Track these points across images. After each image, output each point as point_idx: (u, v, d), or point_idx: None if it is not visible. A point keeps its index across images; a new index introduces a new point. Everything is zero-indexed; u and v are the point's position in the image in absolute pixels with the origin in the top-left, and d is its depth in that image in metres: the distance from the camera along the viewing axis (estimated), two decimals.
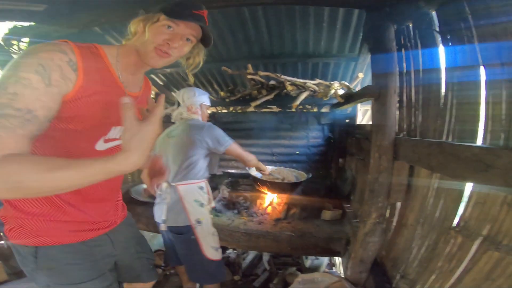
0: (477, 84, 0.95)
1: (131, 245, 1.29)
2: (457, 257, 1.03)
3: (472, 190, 0.95)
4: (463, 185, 0.99)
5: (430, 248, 1.18)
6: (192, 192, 1.84)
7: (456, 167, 0.87)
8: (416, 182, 1.28)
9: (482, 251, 0.92)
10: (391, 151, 1.31)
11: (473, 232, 0.96)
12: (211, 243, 1.88)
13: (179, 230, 1.83)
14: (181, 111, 1.96)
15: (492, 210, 0.86)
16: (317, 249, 2.15)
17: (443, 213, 1.10)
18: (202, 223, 1.83)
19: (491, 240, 0.87)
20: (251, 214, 2.58)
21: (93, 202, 1.01)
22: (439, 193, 1.13)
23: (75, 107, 0.77)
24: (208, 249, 1.85)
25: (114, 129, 0.93)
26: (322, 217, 2.45)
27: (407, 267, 1.34)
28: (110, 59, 0.87)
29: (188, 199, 1.81)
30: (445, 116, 1.07)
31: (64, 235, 0.93)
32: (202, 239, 1.83)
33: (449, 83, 1.09)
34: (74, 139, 0.84)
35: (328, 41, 2.55)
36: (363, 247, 1.49)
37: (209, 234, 1.88)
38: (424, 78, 1.25)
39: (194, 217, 1.81)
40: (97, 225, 1.05)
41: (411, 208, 1.33)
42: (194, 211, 1.81)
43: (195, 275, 1.96)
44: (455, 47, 1.08)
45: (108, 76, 0.86)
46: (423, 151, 1.04)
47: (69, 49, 0.74)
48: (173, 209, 1.82)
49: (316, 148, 3.18)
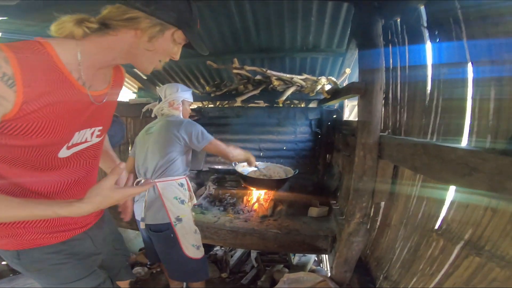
0: (464, 81, 0.91)
1: (109, 242, 1.27)
2: (439, 260, 1.01)
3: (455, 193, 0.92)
4: (447, 186, 0.97)
5: (412, 250, 1.16)
6: (172, 189, 1.79)
7: (440, 169, 0.84)
8: (400, 182, 1.26)
9: (464, 255, 0.89)
10: (376, 150, 1.28)
11: (455, 235, 0.93)
12: (191, 241, 1.83)
13: (158, 227, 1.78)
14: (162, 106, 1.90)
15: (475, 214, 0.83)
16: (303, 247, 2.13)
17: (426, 215, 1.08)
18: (183, 221, 1.79)
19: (473, 245, 0.85)
20: (238, 211, 2.55)
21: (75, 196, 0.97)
22: (423, 194, 1.10)
23: (24, 124, 0.67)
24: (188, 247, 1.81)
25: (78, 134, 0.84)
26: (309, 214, 2.44)
27: (390, 268, 1.33)
28: (64, 57, 0.72)
29: (167, 196, 1.76)
30: (430, 113, 1.03)
31: (42, 237, 0.90)
32: (182, 237, 1.78)
33: (436, 80, 1.06)
34: (32, 154, 0.76)
35: (316, 35, 2.50)
36: (347, 247, 1.47)
37: (190, 232, 1.83)
38: (411, 75, 1.21)
39: (174, 214, 1.76)
40: (75, 225, 1.01)
41: (394, 208, 1.31)
42: (174, 208, 1.77)
43: (175, 274, 1.92)
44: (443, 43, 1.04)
45: (60, 79, 0.71)
46: (408, 151, 1.01)
47: (2, 59, 0.60)
48: (151, 206, 1.77)
49: (304, 143, 3.14)
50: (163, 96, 1.91)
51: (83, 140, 0.88)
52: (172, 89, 1.90)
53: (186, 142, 1.74)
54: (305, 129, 3.11)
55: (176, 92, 1.89)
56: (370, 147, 1.27)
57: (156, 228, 1.78)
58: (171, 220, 1.75)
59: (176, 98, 1.89)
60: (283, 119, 3.13)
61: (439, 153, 0.84)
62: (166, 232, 1.76)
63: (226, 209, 2.60)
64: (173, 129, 1.75)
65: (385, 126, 1.38)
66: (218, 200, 2.81)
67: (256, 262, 2.90)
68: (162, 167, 1.77)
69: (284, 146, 3.19)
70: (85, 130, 0.86)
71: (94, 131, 0.91)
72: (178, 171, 1.81)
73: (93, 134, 0.91)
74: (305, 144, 3.14)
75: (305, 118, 3.07)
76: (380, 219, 1.49)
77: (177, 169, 1.80)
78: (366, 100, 1.28)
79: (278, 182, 2.46)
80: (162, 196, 1.75)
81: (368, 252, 1.61)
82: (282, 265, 2.79)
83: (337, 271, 1.57)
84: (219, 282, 2.74)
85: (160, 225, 1.76)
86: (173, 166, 1.78)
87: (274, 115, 3.16)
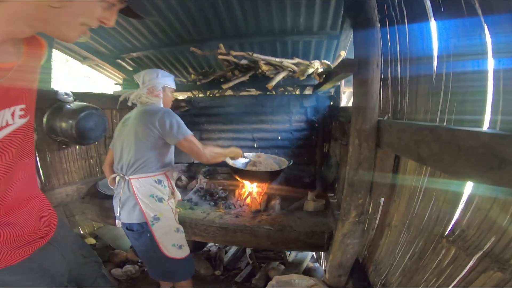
0: (483, 48, 0.70)
1: (76, 250, 1.16)
2: (449, 272, 0.82)
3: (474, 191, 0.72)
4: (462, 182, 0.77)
5: (416, 257, 0.98)
6: (147, 187, 1.63)
7: (455, 161, 0.64)
8: (403, 175, 1.06)
9: (481, 269, 0.71)
10: (373, 137, 1.08)
11: (471, 244, 0.74)
12: (172, 241, 1.70)
13: (132, 227, 1.65)
14: (140, 93, 1.71)
15: (500, 219, 0.64)
16: (297, 244, 1.99)
17: (434, 217, 0.89)
18: (161, 220, 1.64)
19: (495, 257, 0.66)
20: (229, 206, 2.42)
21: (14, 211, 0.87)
22: (430, 191, 0.90)
23: None
24: (167, 247, 1.67)
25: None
26: (305, 208, 2.30)
27: (389, 275, 1.15)
28: None
29: (142, 195, 1.61)
30: (439, 93, 0.83)
31: (6, 256, 0.82)
32: (160, 237, 1.64)
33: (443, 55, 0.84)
34: None
35: (307, 17, 2.30)
36: (341, 249, 1.29)
37: (170, 232, 1.69)
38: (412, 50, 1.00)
39: (151, 213, 1.62)
40: (35, 235, 0.93)
41: (395, 206, 1.12)
42: (150, 207, 1.62)
43: (155, 273, 1.81)
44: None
45: None
46: (412, 137, 0.80)
47: None
48: (126, 204, 1.63)
49: (300, 132, 2.96)
50: (141, 82, 1.72)
51: (3, 123, 0.73)
52: (151, 75, 1.71)
53: (160, 134, 1.55)
54: (300, 117, 2.92)
55: (156, 78, 1.70)
56: (366, 134, 1.07)
57: (131, 227, 1.65)
58: (147, 220, 1.60)
59: (155, 85, 1.70)
60: (277, 107, 2.94)
61: (454, 139, 0.63)
62: (142, 232, 1.62)
63: (217, 204, 2.47)
64: (148, 119, 1.56)
65: (384, 109, 1.18)
66: (209, 194, 2.67)
67: (251, 259, 2.78)
68: (136, 163, 1.60)
69: (279, 136, 3.01)
70: (3, 111, 0.71)
71: (14, 111, 0.76)
72: (154, 167, 1.64)
73: (14, 115, 0.76)
74: (301, 133, 2.96)
75: (300, 106, 2.87)
76: (379, 218, 1.30)
77: (153, 165, 1.63)
78: (361, 80, 1.07)
79: (271, 174, 2.30)
80: (136, 195, 1.59)
81: (365, 253, 1.44)
82: (278, 262, 2.66)
83: (330, 275, 1.40)
84: (212, 280, 2.63)
85: (135, 224, 1.62)
86: (148, 161, 1.61)
87: (267, 103, 2.97)
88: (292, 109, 2.90)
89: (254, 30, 2.53)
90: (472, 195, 0.73)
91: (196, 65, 3.32)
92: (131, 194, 1.61)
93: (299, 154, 2.98)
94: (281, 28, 2.47)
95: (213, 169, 3.09)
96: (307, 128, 2.93)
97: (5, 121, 0.73)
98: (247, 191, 2.61)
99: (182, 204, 2.44)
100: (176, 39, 2.75)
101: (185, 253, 1.76)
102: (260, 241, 2.02)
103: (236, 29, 2.54)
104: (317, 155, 2.93)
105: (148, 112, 1.60)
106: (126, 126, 1.68)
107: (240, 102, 3.07)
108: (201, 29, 2.55)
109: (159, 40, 2.80)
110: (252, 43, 2.75)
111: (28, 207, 0.94)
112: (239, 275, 2.65)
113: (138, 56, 3.15)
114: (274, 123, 2.99)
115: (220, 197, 2.60)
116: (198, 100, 3.25)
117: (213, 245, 3.15)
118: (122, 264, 2.75)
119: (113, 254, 2.84)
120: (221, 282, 2.62)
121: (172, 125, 1.54)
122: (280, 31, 2.52)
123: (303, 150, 2.99)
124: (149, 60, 3.27)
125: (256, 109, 3.00)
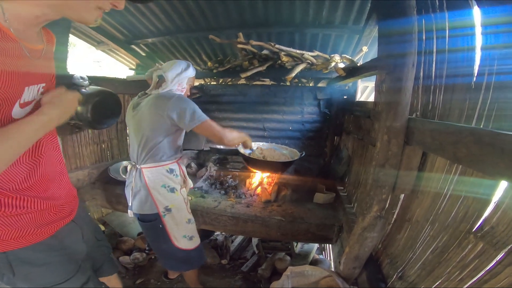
0: None
1: (92, 231, 1.20)
2: (473, 266, 0.86)
3: (508, 190, 0.75)
4: (494, 182, 0.79)
5: (439, 251, 1.01)
6: (159, 177, 1.60)
7: (496, 163, 0.66)
8: (429, 173, 1.08)
9: (507, 262, 0.74)
10: (403, 135, 1.10)
11: (500, 239, 0.78)
12: (183, 232, 1.70)
13: (145, 217, 1.65)
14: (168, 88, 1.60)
15: None
16: (307, 236, 2.03)
17: (462, 214, 0.92)
18: (172, 211, 1.63)
19: None
20: (240, 195, 2.43)
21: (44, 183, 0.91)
22: (459, 189, 0.93)
23: None
24: (178, 239, 1.68)
25: (28, 89, 0.78)
26: (315, 200, 2.33)
27: (407, 267, 1.19)
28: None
29: (154, 185, 1.58)
30: (478, 96, 0.84)
31: (31, 233, 0.87)
32: (171, 228, 1.65)
33: (486, 55, 0.85)
34: None
35: (331, 10, 2.25)
36: (359, 243, 1.32)
37: (181, 223, 1.68)
38: (450, 43, 1.00)
39: (163, 204, 1.61)
40: (61, 212, 0.98)
41: (418, 202, 1.14)
42: (162, 198, 1.60)
43: (166, 263, 1.85)
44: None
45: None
46: (448, 138, 0.82)
47: None
48: (138, 194, 1.62)
49: (311, 124, 2.97)
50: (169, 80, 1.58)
51: (32, 98, 0.81)
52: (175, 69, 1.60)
53: (174, 121, 1.49)
54: (313, 109, 2.92)
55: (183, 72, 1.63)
56: (396, 131, 1.09)
57: (143, 218, 1.65)
58: (159, 211, 1.59)
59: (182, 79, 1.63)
60: (290, 98, 2.94)
61: (497, 142, 0.66)
62: (153, 223, 1.62)
63: (227, 193, 2.48)
64: (160, 105, 1.49)
65: (412, 108, 1.19)
66: (219, 182, 2.68)
67: (258, 249, 2.82)
68: (147, 151, 1.55)
69: (290, 127, 3.02)
70: (33, 87, 0.81)
71: (39, 88, 0.85)
72: (166, 155, 1.60)
73: (38, 91, 0.85)
74: (312, 125, 2.96)
75: (313, 98, 2.87)
76: (398, 213, 1.33)
77: (164, 153, 1.59)
78: (394, 78, 1.08)
79: (283, 164, 2.31)
80: (148, 185, 1.57)
81: (380, 247, 1.47)
82: (284, 253, 2.69)
83: (345, 267, 1.44)
84: (218, 268, 2.68)
85: (147, 215, 1.61)
86: (159, 150, 1.56)
87: (280, 94, 2.97)
88: (305, 100, 2.90)
89: (274, 20, 2.49)
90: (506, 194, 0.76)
91: (211, 52, 3.29)
92: (142, 184, 1.59)
93: (309, 145, 2.99)
94: (302, 19, 2.43)
95: (223, 158, 3.09)
96: (319, 121, 2.94)
97: (33, 96, 0.81)
98: (257, 181, 2.63)
99: (193, 192, 2.46)
100: (193, 26, 2.72)
101: (195, 244, 1.77)
102: (270, 231, 2.04)
103: (256, 18, 2.50)
104: (327, 147, 2.95)
105: (161, 98, 1.52)
106: (136, 111, 1.61)
107: (253, 91, 3.06)
108: (220, 16, 2.51)
109: (175, 26, 2.77)
110: (270, 33, 2.71)
111: (59, 181, 0.99)
112: (245, 265, 2.69)
113: (153, 42, 3.12)
114: (286, 113, 2.99)
115: (230, 186, 2.61)
116: (210, 87, 3.23)
117: (219, 234, 3.17)
118: (130, 251, 2.77)
119: (121, 241, 2.86)
120: (226, 271, 2.66)
121: (188, 111, 1.48)
122: (300, 23, 2.48)
123: (313, 142, 3.00)
124: (163, 46, 3.24)
125: (269, 99, 3.00)
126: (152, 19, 2.66)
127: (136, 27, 2.87)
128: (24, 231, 0.85)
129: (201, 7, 2.38)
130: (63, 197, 1.00)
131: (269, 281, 2.35)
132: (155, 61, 3.49)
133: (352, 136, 2.31)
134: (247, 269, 2.62)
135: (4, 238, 0.81)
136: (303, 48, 2.57)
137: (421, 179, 1.14)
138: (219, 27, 2.68)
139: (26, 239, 0.85)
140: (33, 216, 0.86)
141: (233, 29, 2.62)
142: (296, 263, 2.51)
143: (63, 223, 0.98)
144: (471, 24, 0.90)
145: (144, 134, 1.54)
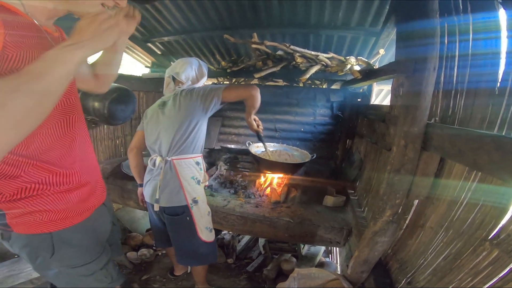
0: None
1: (113, 216, 1.25)
2: (486, 273, 0.84)
3: None
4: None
5: (451, 258, 0.99)
6: (190, 168, 1.66)
7: None
8: (446, 179, 1.06)
9: None
10: (420, 140, 1.08)
11: None
12: (206, 224, 1.76)
13: (174, 210, 1.67)
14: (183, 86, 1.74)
15: None
16: (315, 238, 2.01)
17: (478, 221, 0.90)
18: (198, 203, 1.69)
19: None
20: (249, 195, 2.43)
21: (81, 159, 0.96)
22: (477, 197, 0.91)
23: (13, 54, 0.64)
24: (203, 230, 1.73)
25: None
26: (324, 203, 2.30)
27: (416, 273, 1.17)
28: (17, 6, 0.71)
29: (185, 176, 1.64)
30: (502, 101, 0.82)
31: (75, 213, 0.92)
32: (198, 220, 1.69)
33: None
34: None
35: (347, 11, 2.24)
36: (369, 247, 1.31)
37: (204, 215, 1.75)
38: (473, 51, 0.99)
39: (191, 196, 1.66)
40: (96, 192, 1.04)
41: (433, 208, 1.12)
42: (191, 189, 1.66)
43: (186, 258, 1.85)
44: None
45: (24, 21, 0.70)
46: (469, 144, 0.81)
47: None
48: (167, 187, 1.65)
49: (323, 126, 2.96)
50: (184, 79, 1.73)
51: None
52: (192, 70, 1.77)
53: (203, 104, 1.58)
54: (325, 112, 2.92)
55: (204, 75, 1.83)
56: (414, 136, 1.07)
57: (172, 211, 1.67)
58: (188, 202, 1.64)
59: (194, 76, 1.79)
60: (303, 100, 2.93)
61: None
62: (182, 215, 1.65)
63: (236, 192, 2.48)
64: (187, 95, 1.61)
65: (431, 112, 1.17)
66: (229, 181, 2.69)
67: (264, 249, 2.82)
68: (180, 143, 1.62)
69: (302, 128, 3.01)
70: None
71: None
72: (196, 147, 1.68)
73: None
74: (324, 127, 2.95)
75: (326, 100, 2.86)
76: (411, 218, 1.31)
77: (195, 145, 1.67)
78: (414, 82, 1.06)
79: (293, 166, 2.31)
80: (179, 176, 1.62)
81: (389, 251, 1.45)
82: (290, 255, 2.69)
83: (353, 270, 1.42)
84: (224, 267, 2.69)
85: (176, 207, 1.65)
86: (191, 141, 1.64)
87: (293, 95, 2.97)
88: (318, 102, 2.90)
89: (289, 20, 2.49)
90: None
91: (224, 52, 3.31)
92: (173, 174, 1.63)
93: (320, 148, 2.98)
94: (317, 21, 2.42)
95: (234, 157, 3.11)
96: (331, 123, 2.92)
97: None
98: (267, 182, 2.63)
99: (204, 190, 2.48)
100: (208, 25, 2.75)
101: (213, 237, 1.82)
102: (278, 232, 2.04)
103: (271, 18, 2.51)
104: (339, 150, 2.93)
105: (185, 90, 1.65)
106: (164, 107, 1.69)
107: (266, 91, 3.01)
108: (235, 15, 2.53)
109: (191, 25, 2.81)
110: (284, 33, 2.72)
111: (91, 160, 1.04)
112: (250, 265, 2.70)
113: (169, 41, 3.17)
114: (298, 115, 2.99)
115: (240, 186, 2.61)
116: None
117: (226, 233, 3.19)
118: (138, 247, 2.80)
119: (130, 237, 2.90)
120: (232, 270, 2.67)
121: (212, 86, 1.62)
122: (315, 24, 2.47)
123: (324, 144, 2.99)
124: (178, 45, 3.28)
125: (281, 100, 3.00)
126: (168, 17, 2.70)
127: (154, 26, 2.92)
128: (69, 212, 0.90)
129: (216, 6, 2.40)
130: (95, 177, 1.06)
131: (274, 282, 2.34)
132: (170, 59, 3.54)
133: (365, 139, 2.29)
134: (252, 269, 2.63)
135: (53, 219, 0.86)
136: (317, 49, 2.56)
137: (438, 186, 1.12)
138: (233, 27, 2.70)
139: (70, 220, 0.90)
140: (75, 195, 0.91)
141: (247, 29, 2.64)
142: (302, 265, 2.50)
143: (97, 204, 1.04)
144: (496, 27, 0.88)
145: (179, 126, 1.60)
